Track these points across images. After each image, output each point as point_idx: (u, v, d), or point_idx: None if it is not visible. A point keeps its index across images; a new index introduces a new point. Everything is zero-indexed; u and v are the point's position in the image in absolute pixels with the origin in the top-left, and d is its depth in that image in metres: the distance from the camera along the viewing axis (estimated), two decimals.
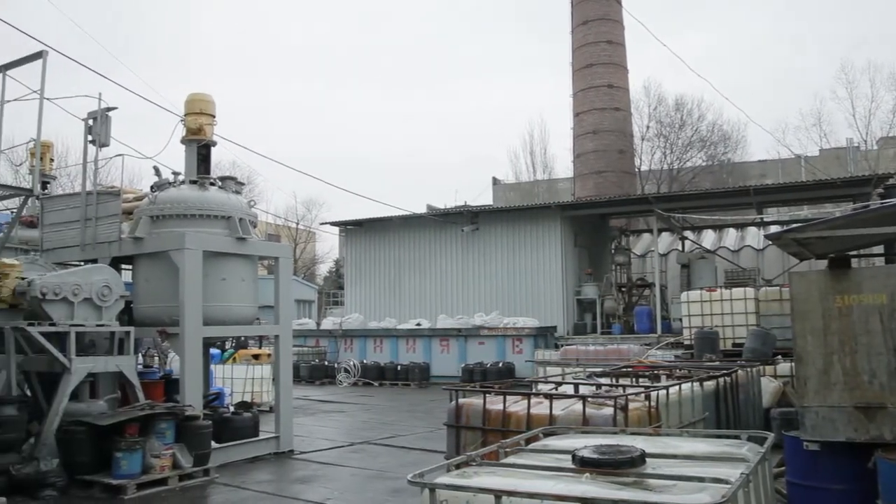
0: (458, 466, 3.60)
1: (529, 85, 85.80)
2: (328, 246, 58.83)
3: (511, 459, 3.78)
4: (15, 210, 10.59)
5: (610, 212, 28.23)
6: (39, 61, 8.68)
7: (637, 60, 50.62)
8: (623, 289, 26.69)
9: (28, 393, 9.77)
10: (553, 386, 7.72)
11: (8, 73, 9.16)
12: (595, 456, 3.33)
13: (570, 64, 38.43)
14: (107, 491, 8.22)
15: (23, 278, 9.16)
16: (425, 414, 15.77)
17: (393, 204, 43.24)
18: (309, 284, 46.42)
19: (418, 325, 25.24)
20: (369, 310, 28.87)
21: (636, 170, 39.93)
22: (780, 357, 12.47)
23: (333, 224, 33.75)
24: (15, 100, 9.00)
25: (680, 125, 42.49)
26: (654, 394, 6.39)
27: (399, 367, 23.56)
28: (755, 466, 3.38)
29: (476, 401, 6.76)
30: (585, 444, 3.60)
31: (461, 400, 6.93)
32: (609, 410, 5.96)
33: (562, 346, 21.45)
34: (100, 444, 8.52)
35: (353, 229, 30.63)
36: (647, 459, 3.36)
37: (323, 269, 59.67)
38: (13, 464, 8.08)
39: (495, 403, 6.57)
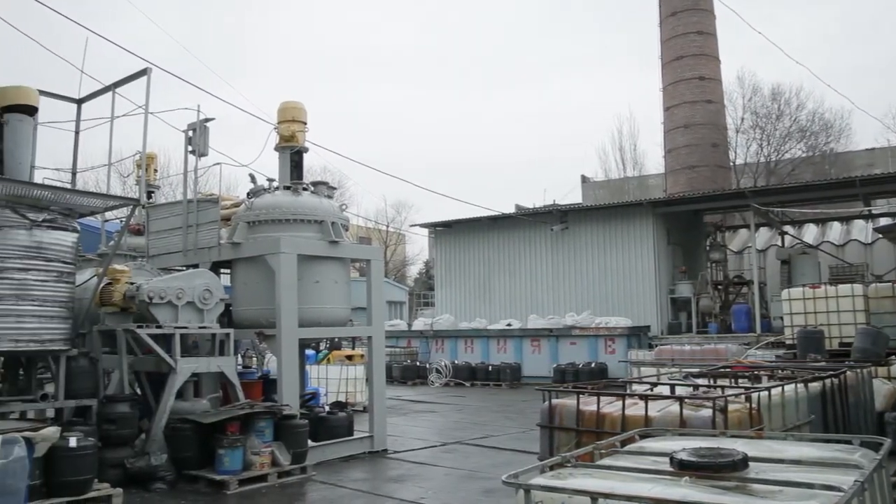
0: (552, 467, 3.56)
1: (617, 80, 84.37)
2: (418, 248, 59.56)
3: (606, 461, 3.71)
4: (124, 219, 11.15)
5: (704, 208, 27.39)
6: (144, 78, 9.10)
7: (729, 50, 49.05)
8: (719, 287, 25.86)
9: (138, 391, 10.30)
10: (648, 387, 7.54)
11: (116, 90, 9.63)
12: (694, 459, 3.22)
13: (659, 57, 37.53)
14: (211, 485, 8.55)
15: (132, 283, 9.66)
16: (517, 414, 15.70)
17: (481, 204, 43.35)
18: (400, 286, 47.01)
19: (509, 325, 25.17)
20: (460, 310, 28.98)
21: (731, 164, 38.59)
22: (893, 357, 11.78)
23: (423, 226, 34.13)
24: (123, 115, 9.48)
25: (777, 115, 40.82)
26: (755, 395, 6.14)
27: (490, 368, 23.55)
28: (870, 474, 3.18)
29: (569, 401, 6.67)
30: (683, 446, 3.49)
31: (554, 400, 6.85)
32: (707, 412, 5.77)
33: (656, 346, 20.93)
34: (204, 440, 8.88)
35: (442, 231, 30.83)
36: (750, 463, 3.22)
37: (413, 271, 60.37)
38: (127, 458, 8.53)
39: (589, 404, 6.46)
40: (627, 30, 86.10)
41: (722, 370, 9.11)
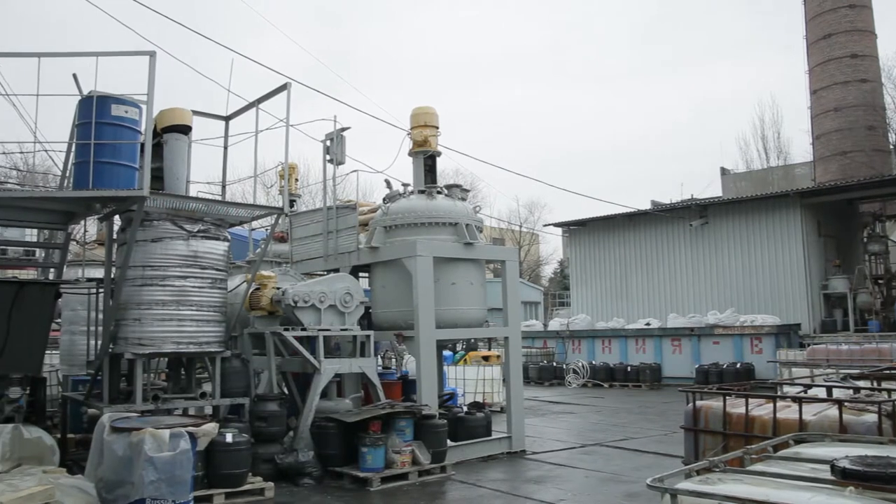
0: (699, 472, 3.42)
1: (756, 65, 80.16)
2: (552, 247, 59.24)
3: (758, 467, 3.51)
4: (269, 227, 11.73)
5: (860, 196, 25.51)
6: (284, 93, 9.55)
7: (887, 22, 44.95)
8: (880, 281, 24.01)
9: (286, 391, 10.81)
10: (801, 389, 7.11)
11: (259, 106, 10.15)
12: (860, 467, 2.99)
13: (804, 37, 35.28)
14: (355, 482, 8.84)
15: (278, 288, 10.16)
16: (658, 416, 15.25)
17: (615, 202, 42.30)
18: (534, 286, 46.88)
19: (647, 324, 24.53)
20: (596, 310, 28.54)
21: (890, 147, 35.69)
22: None
23: (556, 225, 33.88)
24: (266, 129, 9.99)
25: None
26: None
27: (629, 368, 23.02)
28: None
29: (715, 403, 6.41)
30: (845, 453, 3.26)
31: (698, 402, 6.60)
32: (871, 417, 5.37)
33: (808, 345, 19.69)
34: (347, 438, 9.19)
35: (576, 229, 30.49)
36: None
37: (547, 271, 60.10)
38: (277, 454, 8.98)
39: (736, 406, 6.18)
40: (767, 11, 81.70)
41: (887, 371, 8.45)
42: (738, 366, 20.61)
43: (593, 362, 23.98)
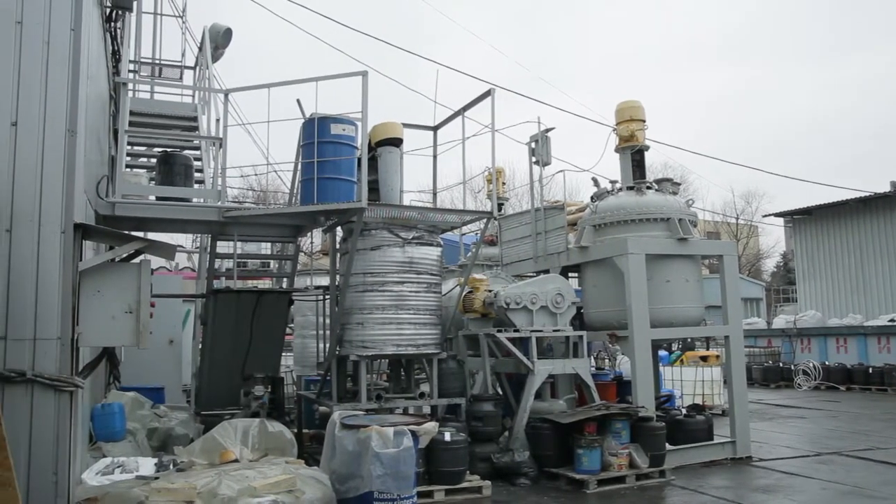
0: None
1: None
2: (773, 239, 55.45)
3: None
4: (479, 232, 12.02)
5: None
6: (488, 99, 9.76)
7: None
8: None
9: (500, 391, 11.01)
10: None
11: (465, 114, 10.46)
12: None
13: None
14: (571, 484, 8.79)
15: (490, 290, 10.39)
16: None
17: (846, 186, 38.60)
18: (754, 281, 44.06)
19: (892, 320, 22.11)
20: (827, 305, 26.29)
21: None
22: None
23: (777, 215, 31.64)
24: (472, 136, 10.27)
25: None
26: None
27: (871, 370, 20.82)
28: None
29: None
30: None
31: None
32: None
33: None
34: (562, 440, 9.17)
35: (800, 219, 28.31)
36: None
37: (769, 265, 56.26)
38: (493, 453, 9.18)
39: None
40: None
41: None
42: None
43: (826, 363, 22.06)
